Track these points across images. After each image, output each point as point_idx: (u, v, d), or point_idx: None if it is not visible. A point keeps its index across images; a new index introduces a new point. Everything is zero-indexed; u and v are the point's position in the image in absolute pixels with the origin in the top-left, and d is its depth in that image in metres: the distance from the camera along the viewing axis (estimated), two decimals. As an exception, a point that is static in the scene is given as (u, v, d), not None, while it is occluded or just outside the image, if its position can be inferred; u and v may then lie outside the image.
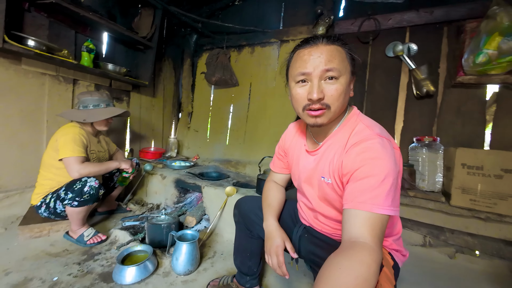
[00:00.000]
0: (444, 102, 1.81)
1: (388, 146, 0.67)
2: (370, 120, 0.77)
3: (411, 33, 1.92)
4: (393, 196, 0.62)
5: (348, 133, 0.74)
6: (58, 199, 1.44)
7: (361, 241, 0.57)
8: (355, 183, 0.65)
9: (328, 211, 0.83)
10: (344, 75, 0.69)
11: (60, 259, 1.35)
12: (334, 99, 0.69)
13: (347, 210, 0.63)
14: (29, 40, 1.57)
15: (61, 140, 1.44)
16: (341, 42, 0.72)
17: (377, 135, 0.68)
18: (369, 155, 0.65)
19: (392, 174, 0.62)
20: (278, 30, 2.48)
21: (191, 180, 2.04)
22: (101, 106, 1.63)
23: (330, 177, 0.76)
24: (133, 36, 2.10)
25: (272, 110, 2.53)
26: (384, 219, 0.60)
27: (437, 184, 1.65)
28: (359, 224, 0.60)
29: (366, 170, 0.63)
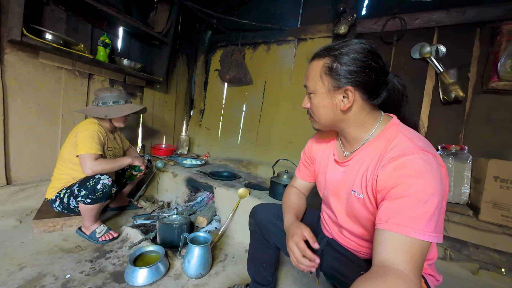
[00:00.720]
0: (473, 109, 1.69)
1: (434, 163, 0.59)
2: (412, 131, 0.68)
3: (439, 34, 1.81)
4: (437, 221, 0.55)
5: (384, 144, 0.67)
6: (72, 195, 1.43)
7: (395, 268, 0.51)
8: (391, 202, 0.58)
9: (354, 228, 0.76)
10: (317, 92, 0.72)
11: (72, 255, 1.35)
12: (314, 110, 0.75)
13: (380, 231, 0.57)
14: (47, 34, 1.57)
15: (80, 136, 1.44)
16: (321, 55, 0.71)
17: (421, 150, 0.60)
18: (409, 172, 0.57)
19: (437, 196, 0.55)
20: (296, 28, 2.40)
21: (203, 180, 2.01)
22: (121, 103, 1.63)
23: (362, 192, 0.69)
24: (149, 31, 2.07)
25: (287, 111, 2.47)
26: (424, 246, 0.53)
27: (463, 196, 1.55)
28: (394, 249, 0.53)
29: (403, 189, 0.56)
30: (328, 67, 0.68)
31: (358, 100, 0.69)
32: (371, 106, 0.71)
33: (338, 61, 0.67)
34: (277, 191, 1.69)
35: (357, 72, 0.66)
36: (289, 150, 2.41)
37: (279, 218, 1.00)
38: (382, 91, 0.70)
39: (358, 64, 0.66)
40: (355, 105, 0.69)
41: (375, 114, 0.73)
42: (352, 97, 0.68)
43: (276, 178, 1.74)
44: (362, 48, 0.67)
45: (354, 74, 0.66)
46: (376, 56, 0.68)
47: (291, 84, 2.45)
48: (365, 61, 0.66)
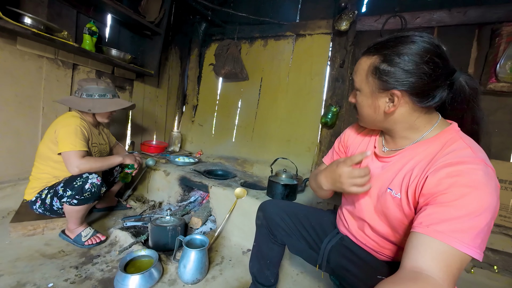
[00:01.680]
0: (471, 110, 1.71)
1: (494, 178, 0.55)
2: (473, 141, 0.62)
3: (439, 33, 1.80)
4: (483, 238, 0.51)
5: (439, 147, 0.62)
6: (56, 196, 1.31)
7: (428, 274, 0.48)
8: (438, 207, 0.54)
9: (380, 227, 0.72)
10: (362, 91, 0.70)
11: (55, 262, 1.24)
12: (359, 108, 0.74)
13: (417, 234, 0.54)
14: (26, 17, 1.41)
15: (61, 132, 1.30)
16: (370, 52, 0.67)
17: (482, 161, 0.55)
18: (465, 182, 0.53)
19: (491, 212, 0.51)
20: (295, 23, 2.33)
21: (197, 179, 1.93)
22: (107, 97, 1.50)
23: (400, 192, 0.65)
24: (141, 20, 1.94)
25: (284, 108, 2.41)
26: (465, 260, 0.50)
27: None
28: (431, 256, 0.50)
29: (455, 198, 0.52)
30: (375, 67, 0.64)
31: (408, 103, 0.63)
32: (424, 109, 0.64)
33: (387, 62, 0.62)
34: (276, 191, 1.64)
35: (408, 76, 0.60)
36: (287, 148, 2.36)
37: (288, 214, 0.98)
38: (440, 92, 0.62)
39: (409, 66, 0.59)
40: (403, 108, 0.64)
41: (430, 117, 0.66)
42: (398, 101, 0.63)
43: (274, 177, 1.69)
44: (419, 48, 0.59)
45: (403, 78, 0.60)
46: (434, 55, 0.59)
47: (289, 81, 2.40)
48: (419, 63, 0.59)
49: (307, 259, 0.97)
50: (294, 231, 0.96)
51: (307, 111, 2.29)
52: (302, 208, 1.03)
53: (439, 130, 0.65)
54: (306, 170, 2.21)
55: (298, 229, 0.96)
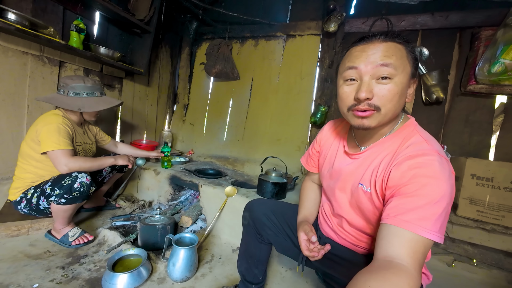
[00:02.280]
0: (453, 110, 1.78)
1: (447, 167, 0.60)
2: (428, 134, 0.69)
3: (423, 36, 1.87)
4: (442, 222, 0.56)
5: (399, 142, 0.67)
6: (43, 195, 1.28)
7: (398, 262, 0.52)
8: (402, 199, 0.58)
9: (356, 220, 0.77)
10: (400, 75, 0.61)
11: (41, 262, 1.21)
12: (386, 100, 0.61)
13: (386, 226, 0.57)
14: (10, 13, 1.37)
15: (43, 130, 1.27)
16: (402, 39, 0.64)
17: (436, 152, 0.61)
18: (424, 172, 0.58)
19: (446, 199, 0.56)
20: (285, 24, 2.36)
21: (187, 178, 1.93)
22: (96, 95, 1.47)
23: (370, 186, 0.69)
24: (130, 18, 1.91)
25: (274, 108, 2.44)
26: (428, 244, 0.55)
27: (442, 192, 1.64)
28: (399, 244, 0.54)
29: (417, 188, 0.57)
30: (411, 53, 0.64)
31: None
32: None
33: (413, 51, 0.66)
34: (266, 189, 1.66)
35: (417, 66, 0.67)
36: (277, 147, 2.39)
37: (275, 213, 1.00)
38: None
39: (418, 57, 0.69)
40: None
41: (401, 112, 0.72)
42: (413, 90, 0.68)
43: (264, 175, 1.71)
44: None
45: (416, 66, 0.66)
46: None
47: (280, 81, 2.42)
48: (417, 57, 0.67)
49: (293, 257, 0.99)
50: (280, 230, 0.98)
51: (297, 111, 2.32)
52: (288, 207, 1.05)
53: (401, 124, 0.71)
54: (295, 168, 2.24)
55: (283, 228, 0.98)
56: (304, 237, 0.80)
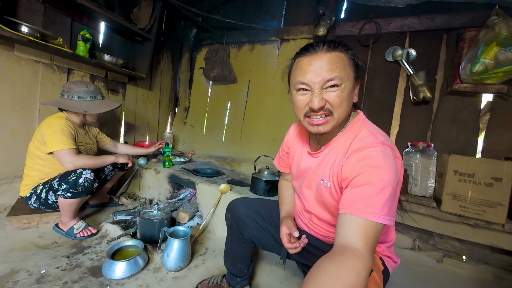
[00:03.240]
0: (440, 109, 1.82)
1: (390, 155, 0.66)
2: (374, 127, 0.75)
3: (411, 38, 1.93)
4: (390, 206, 0.61)
5: (351, 138, 0.73)
6: (51, 190, 1.41)
7: (353, 247, 0.57)
8: (353, 189, 0.64)
9: (323, 214, 0.83)
10: (346, 82, 0.67)
11: (48, 252, 1.33)
12: (337, 106, 0.68)
13: (342, 215, 0.63)
14: (23, 26, 1.53)
15: (48, 132, 1.40)
16: (344, 47, 0.69)
17: (380, 143, 0.67)
18: (369, 163, 0.64)
19: (392, 184, 0.62)
20: (279, 29, 2.46)
21: (185, 176, 2.03)
22: (98, 98, 1.61)
23: (329, 181, 0.75)
24: (132, 28, 2.06)
25: (270, 109, 2.52)
26: (379, 228, 0.60)
27: (429, 189, 1.68)
28: (353, 231, 0.59)
29: (365, 178, 0.63)
30: (352, 59, 0.70)
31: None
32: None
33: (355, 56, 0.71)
34: (258, 187, 1.74)
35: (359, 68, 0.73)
36: (272, 147, 2.47)
37: (258, 211, 1.04)
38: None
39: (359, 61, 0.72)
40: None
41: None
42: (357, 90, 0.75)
43: (257, 174, 1.79)
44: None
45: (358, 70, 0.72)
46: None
47: (275, 83, 2.51)
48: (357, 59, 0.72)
49: (276, 252, 1.04)
50: (263, 228, 1.02)
51: (291, 112, 2.39)
52: (269, 204, 1.10)
53: (352, 120, 0.77)
54: (290, 168, 2.31)
55: (266, 226, 1.02)
56: (287, 231, 0.86)
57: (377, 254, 0.83)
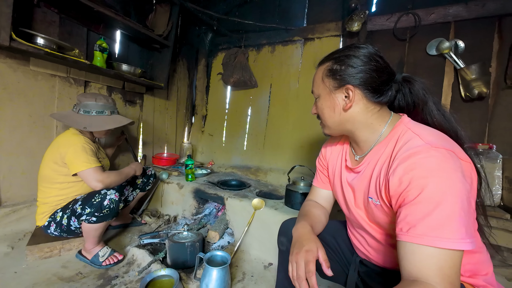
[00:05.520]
0: (498, 105, 1.62)
1: (450, 159, 0.53)
2: (423, 126, 0.63)
3: (456, 29, 1.74)
4: (465, 224, 0.48)
5: (393, 144, 0.63)
6: (74, 215, 1.28)
7: (424, 282, 0.47)
8: (408, 209, 0.53)
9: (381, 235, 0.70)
10: (321, 95, 0.73)
11: (74, 285, 1.19)
12: (321, 114, 0.75)
13: (402, 243, 0.52)
14: (39, 38, 1.42)
15: (69, 152, 1.27)
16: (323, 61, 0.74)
17: (432, 146, 0.54)
18: (420, 174, 0.52)
19: (458, 195, 0.49)
20: (302, 28, 2.31)
21: (212, 190, 1.88)
22: (105, 113, 1.45)
23: (378, 198, 0.64)
24: (150, 34, 1.94)
25: (296, 114, 2.36)
26: (456, 256, 0.48)
27: (495, 197, 1.46)
28: (420, 263, 0.48)
29: (418, 193, 0.51)
30: (329, 69, 0.71)
31: (361, 99, 0.68)
32: (377, 106, 0.69)
33: (338, 63, 0.69)
34: (295, 200, 1.57)
35: (357, 71, 0.67)
36: (300, 155, 2.30)
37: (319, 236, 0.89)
38: (388, 90, 0.68)
39: (357, 63, 0.67)
40: (359, 105, 0.68)
41: (384, 115, 0.70)
42: (353, 96, 0.67)
43: (292, 185, 1.62)
44: (361, 50, 0.69)
45: (353, 73, 0.67)
46: (377, 56, 0.68)
47: (299, 86, 2.35)
48: (365, 61, 0.67)
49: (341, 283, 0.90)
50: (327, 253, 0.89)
51: (319, 116, 2.23)
52: (330, 225, 0.94)
53: (392, 125, 0.68)
54: (322, 176, 2.13)
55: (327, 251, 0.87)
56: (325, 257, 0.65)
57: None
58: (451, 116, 0.70)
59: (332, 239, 0.91)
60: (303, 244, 0.68)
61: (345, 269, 0.88)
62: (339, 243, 0.90)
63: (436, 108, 0.69)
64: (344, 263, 0.88)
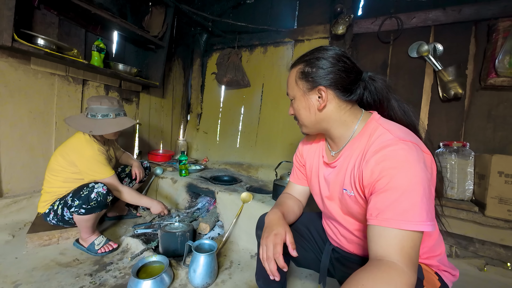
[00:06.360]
0: (473, 106, 1.71)
1: (415, 151, 0.58)
2: (392, 123, 0.69)
3: (435, 32, 1.83)
4: (427, 209, 0.54)
5: (366, 139, 0.68)
6: (66, 206, 1.36)
7: (388, 260, 0.52)
8: (378, 196, 0.58)
9: (353, 225, 0.76)
10: (296, 97, 0.77)
11: (71, 270, 1.28)
12: (297, 116, 0.80)
13: (371, 227, 0.58)
14: (39, 39, 1.51)
15: (83, 162, 1.37)
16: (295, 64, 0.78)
17: (400, 140, 0.60)
18: (390, 164, 0.57)
19: (421, 183, 0.55)
20: (293, 30, 2.40)
21: (204, 185, 1.96)
22: (110, 116, 1.49)
23: (352, 189, 0.70)
24: (145, 35, 2.03)
25: (286, 113, 2.43)
26: (416, 237, 0.54)
27: (467, 192, 1.56)
28: (385, 243, 0.54)
29: (387, 182, 0.56)
30: (301, 72, 0.75)
31: (334, 98, 0.72)
32: (349, 104, 0.74)
33: (309, 65, 0.73)
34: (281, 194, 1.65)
35: (327, 72, 0.71)
36: (290, 152, 2.39)
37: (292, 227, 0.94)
38: (356, 88, 0.73)
39: (327, 65, 0.71)
40: (332, 104, 0.72)
41: (355, 112, 0.75)
42: (325, 96, 0.71)
43: (279, 180, 1.71)
44: (329, 52, 0.73)
45: (324, 74, 0.71)
46: (344, 57, 0.72)
47: (290, 86, 2.44)
48: (333, 62, 0.71)
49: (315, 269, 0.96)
50: (299, 243, 0.93)
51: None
52: (305, 216, 1.01)
53: (364, 122, 0.73)
54: (310, 172, 2.22)
55: (302, 241, 0.95)
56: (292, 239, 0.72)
57: (430, 269, 0.73)
58: (410, 111, 0.77)
59: (306, 230, 0.97)
60: (272, 229, 0.74)
61: (319, 256, 0.94)
62: (312, 232, 0.97)
63: (397, 104, 0.76)
64: (318, 251, 0.95)
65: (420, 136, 0.73)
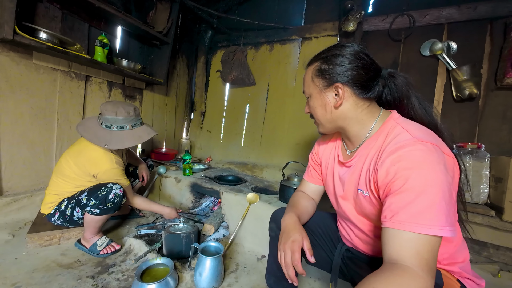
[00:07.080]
0: (488, 106, 1.66)
1: (434, 152, 0.56)
2: (411, 122, 0.66)
3: (449, 30, 1.77)
4: (446, 213, 0.51)
5: (383, 139, 0.66)
6: (78, 206, 1.32)
7: (402, 264, 0.50)
8: (392, 198, 0.56)
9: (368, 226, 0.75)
10: (312, 95, 0.76)
11: (72, 272, 1.24)
12: (313, 113, 0.78)
13: (385, 229, 0.56)
14: (41, 32, 1.46)
15: (100, 173, 1.33)
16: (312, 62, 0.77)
17: (418, 141, 0.57)
18: (406, 165, 0.55)
19: (440, 186, 0.52)
20: (300, 27, 2.34)
21: (208, 185, 1.92)
22: (126, 128, 1.39)
23: (367, 190, 0.68)
24: (150, 31, 1.98)
25: (292, 112, 2.40)
26: (434, 241, 0.51)
27: (482, 195, 1.51)
28: (399, 246, 0.52)
29: (403, 183, 0.54)
30: (318, 69, 0.73)
31: (351, 96, 0.70)
32: (367, 102, 0.72)
33: (326, 62, 0.72)
34: (288, 195, 1.61)
35: (344, 69, 0.69)
36: (296, 152, 2.34)
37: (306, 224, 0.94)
38: (375, 85, 0.71)
39: (344, 62, 0.69)
40: (348, 101, 0.71)
41: (373, 111, 0.73)
42: (342, 93, 0.70)
43: (286, 181, 1.66)
44: (347, 49, 0.71)
45: (341, 71, 0.69)
46: (363, 54, 0.70)
47: (296, 85, 2.39)
48: (351, 59, 0.69)
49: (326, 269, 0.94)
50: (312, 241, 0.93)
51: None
52: (318, 215, 1.00)
53: (382, 121, 0.71)
54: (317, 173, 2.17)
55: (316, 239, 0.94)
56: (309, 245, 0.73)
57: (452, 276, 0.69)
58: (431, 110, 0.74)
59: (319, 228, 0.95)
60: (290, 235, 0.74)
61: (330, 255, 0.92)
62: (325, 231, 0.95)
63: (418, 102, 0.73)
64: (330, 250, 0.93)
65: (442, 137, 0.69)
